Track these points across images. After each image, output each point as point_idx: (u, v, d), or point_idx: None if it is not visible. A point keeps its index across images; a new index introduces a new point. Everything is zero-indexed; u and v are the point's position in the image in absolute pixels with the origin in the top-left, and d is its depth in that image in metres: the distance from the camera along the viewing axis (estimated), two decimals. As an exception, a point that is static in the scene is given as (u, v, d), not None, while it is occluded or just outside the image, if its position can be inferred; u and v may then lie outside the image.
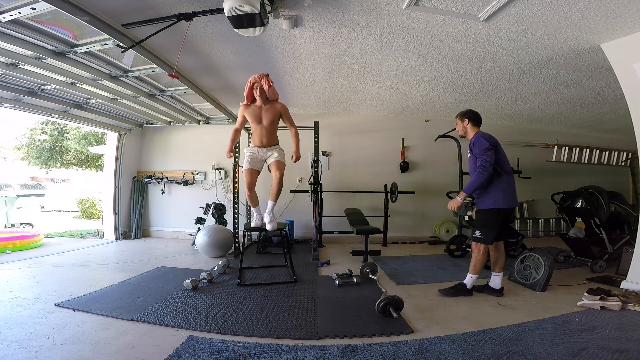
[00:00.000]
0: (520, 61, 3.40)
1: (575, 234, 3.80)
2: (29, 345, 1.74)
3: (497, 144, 2.64)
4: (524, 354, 1.73)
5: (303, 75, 3.95)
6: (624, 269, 2.97)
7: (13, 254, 4.11)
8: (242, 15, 2.23)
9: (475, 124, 2.76)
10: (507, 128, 5.93)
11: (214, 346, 1.80)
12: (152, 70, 3.21)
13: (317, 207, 4.54)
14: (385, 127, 5.67)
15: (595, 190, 3.68)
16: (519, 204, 5.93)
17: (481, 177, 2.52)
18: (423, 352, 1.75)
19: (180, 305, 2.42)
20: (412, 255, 4.43)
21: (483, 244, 2.64)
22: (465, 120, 2.78)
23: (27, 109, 4.00)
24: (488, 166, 2.50)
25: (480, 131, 2.73)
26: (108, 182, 5.43)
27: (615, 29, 2.70)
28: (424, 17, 2.62)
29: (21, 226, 6.96)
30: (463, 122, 2.80)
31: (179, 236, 5.48)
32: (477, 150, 2.61)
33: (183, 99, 4.41)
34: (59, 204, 12.62)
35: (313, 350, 1.78)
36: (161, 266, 3.62)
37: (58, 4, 1.99)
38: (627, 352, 1.71)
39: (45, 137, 10.53)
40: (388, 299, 2.25)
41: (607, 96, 4.32)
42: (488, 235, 2.61)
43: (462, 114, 2.81)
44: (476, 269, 2.67)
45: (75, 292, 2.63)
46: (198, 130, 5.64)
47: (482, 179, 2.52)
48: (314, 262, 3.83)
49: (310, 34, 2.92)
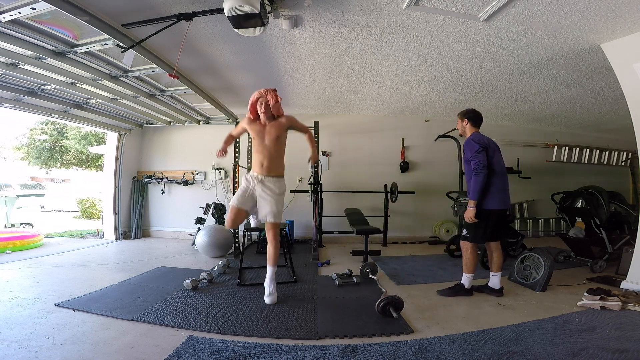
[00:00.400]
0: (520, 61, 3.40)
1: (575, 234, 3.80)
2: (29, 345, 1.74)
3: (489, 146, 2.65)
4: (524, 354, 1.73)
5: (303, 75, 3.95)
6: (624, 269, 2.97)
7: (13, 254, 4.11)
8: (242, 15, 2.23)
9: (475, 124, 2.76)
10: (507, 128, 5.94)
11: (214, 346, 1.80)
12: (152, 70, 3.21)
13: (317, 207, 4.55)
14: (385, 127, 5.68)
15: (595, 190, 3.68)
16: (518, 204, 5.95)
17: (478, 180, 2.54)
18: (423, 352, 1.75)
19: (180, 305, 2.42)
20: (412, 255, 4.43)
21: (470, 243, 2.66)
22: (465, 120, 2.79)
23: (27, 109, 4.00)
24: (481, 168, 2.53)
25: (474, 133, 2.74)
26: (108, 182, 5.43)
27: (615, 29, 2.70)
28: (424, 17, 2.62)
29: (21, 226, 6.96)
30: (463, 121, 2.80)
31: (179, 236, 5.48)
32: (468, 153, 2.64)
33: (183, 99, 4.41)
34: (59, 204, 12.61)
35: (313, 350, 1.77)
36: (161, 266, 3.62)
37: (58, 4, 1.99)
38: (627, 352, 1.71)
39: (45, 137, 10.53)
40: (388, 299, 2.25)
41: (607, 96, 4.32)
42: (474, 234, 2.64)
43: (463, 113, 2.81)
44: (469, 268, 2.68)
45: (75, 292, 2.63)
46: (198, 130, 5.64)
47: (480, 181, 2.53)
48: (314, 262, 3.84)
49: (310, 34, 2.92)
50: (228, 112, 4.95)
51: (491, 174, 2.58)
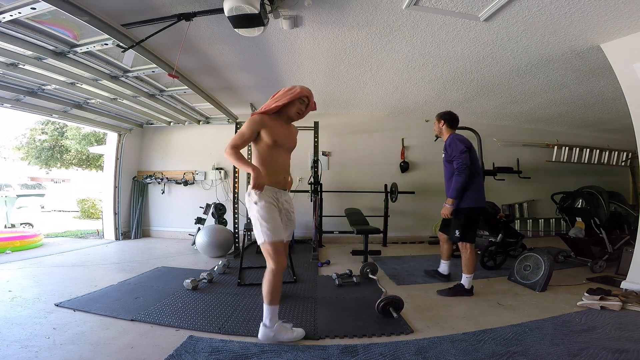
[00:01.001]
0: (520, 61, 3.40)
1: (575, 234, 3.81)
2: (29, 345, 1.74)
3: (471, 146, 2.77)
4: (524, 354, 1.73)
5: (303, 75, 3.95)
6: (624, 269, 2.97)
7: (13, 254, 4.11)
8: (242, 15, 2.22)
9: (451, 126, 2.88)
10: (507, 128, 5.94)
11: (214, 346, 1.80)
12: (152, 70, 3.21)
13: (317, 207, 4.55)
14: (385, 127, 5.68)
15: (595, 190, 3.69)
16: (518, 204, 5.96)
17: (460, 179, 2.65)
18: (423, 352, 1.75)
19: (180, 305, 2.42)
20: (412, 255, 4.43)
21: (468, 242, 2.71)
22: (442, 122, 2.90)
23: (27, 109, 4.00)
24: (464, 168, 2.63)
25: (454, 133, 2.85)
26: (108, 182, 5.43)
27: (615, 29, 2.70)
28: (424, 17, 2.62)
29: (21, 226, 6.96)
30: (439, 122, 2.92)
31: (179, 236, 5.48)
32: (452, 152, 2.73)
33: (183, 99, 4.41)
34: (59, 204, 12.62)
35: (313, 350, 1.78)
36: (161, 266, 3.62)
37: (58, 4, 1.99)
38: (627, 352, 1.71)
39: (45, 137, 10.54)
40: (388, 299, 2.25)
41: (607, 96, 4.32)
42: (468, 233, 2.71)
43: (440, 115, 2.92)
44: (469, 268, 2.70)
45: (75, 292, 2.63)
46: (198, 130, 5.64)
47: (462, 181, 2.65)
48: (314, 262, 3.84)
49: (310, 34, 2.92)
50: (228, 112, 4.95)
51: (473, 175, 2.70)
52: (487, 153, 5.15)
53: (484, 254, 3.57)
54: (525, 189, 5.86)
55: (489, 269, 3.52)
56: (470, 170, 2.66)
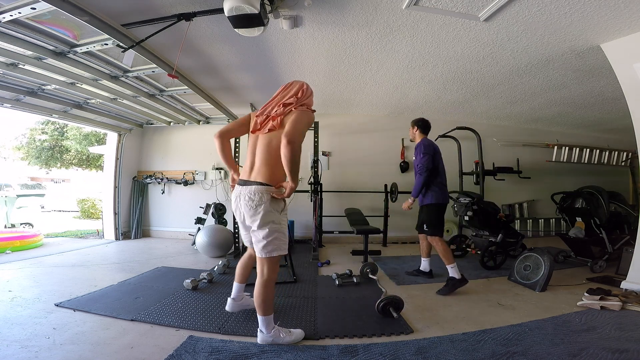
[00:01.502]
0: (520, 61, 3.40)
1: (575, 234, 3.80)
2: (29, 345, 1.74)
3: (436, 150, 3.03)
4: (524, 354, 1.73)
5: (303, 75, 3.94)
6: (624, 269, 2.97)
7: (13, 254, 4.11)
8: (242, 15, 2.22)
9: (423, 131, 3.16)
10: (507, 128, 5.94)
11: (214, 346, 1.80)
12: (152, 70, 3.21)
13: (317, 207, 4.54)
14: (385, 127, 5.67)
15: (595, 190, 3.68)
16: (518, 204, 5.96)
17: (420, 180, 2.94)
18: (423, 352, 1.75)
19: (180, 305, 2.42)
20: (412, 255, 4.42)
21: (436, 236, 2.93)
22: (416, 128, 3.18)
23: (27, 109, 4.00)
24: (424, 170, 2.92)
25: (424, 138, 3.12)
26: (108, 182, 5.43)
27: (615, 29, 2.70)
28: (424, 17, 2.62)
29: (21, 226, 6.96)
30: (414, 128, 3.19)
31: (179, 236, 5.48)
32: (417, 155, 3.01)
33: (183, 99, 4.41)
34: (59, 204, 12.61)
35: (313, 350, 1.78)
36: (161, 266, 3.62)
37: (58, 4, 1.99)
38: (627, 352, 1.71)
39: (45, 137, 10.54)
40: (388, 299, 2.25)
41: (607, 96, 4.31)
42: (436, 227, 2.95)
43: (415, 122, 3.19)
44: (447, 258, 2.83)
45: (75, 292, 2.63)
46: (198, 130, 5.64)
47: (421, 181, 2.93)
48: (314, 262, 3.84)
49: (310, 34, 2.92)
50: (228, 112, 4.95)
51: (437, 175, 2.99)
52: (487, 153, 5.16)
53: (484, 254, 3.57)
54: (525, 189, 5.86)
55: (489, 269, 3.52)
56: (431, 171, 2.94)
